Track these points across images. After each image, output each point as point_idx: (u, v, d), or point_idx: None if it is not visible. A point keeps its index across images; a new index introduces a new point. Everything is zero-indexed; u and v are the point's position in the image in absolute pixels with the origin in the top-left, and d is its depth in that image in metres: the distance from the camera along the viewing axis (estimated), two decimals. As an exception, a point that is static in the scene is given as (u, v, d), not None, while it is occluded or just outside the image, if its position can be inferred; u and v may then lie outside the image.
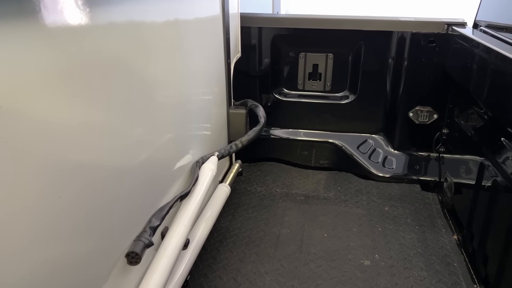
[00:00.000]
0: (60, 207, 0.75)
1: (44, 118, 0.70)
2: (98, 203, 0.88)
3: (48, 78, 0.70)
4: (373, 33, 1.95)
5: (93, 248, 0.89)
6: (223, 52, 1.65)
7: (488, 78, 1.43)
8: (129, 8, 0.95)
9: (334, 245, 1.64)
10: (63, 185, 0.75)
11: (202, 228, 1.37)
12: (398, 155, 2.11)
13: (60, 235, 0.77)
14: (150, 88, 1.09)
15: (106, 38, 0.87)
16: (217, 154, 1.45)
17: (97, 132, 0.86)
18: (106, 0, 0.85)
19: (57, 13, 0.71)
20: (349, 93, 2.13)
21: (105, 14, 0.85)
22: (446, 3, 3.51)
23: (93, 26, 0.81)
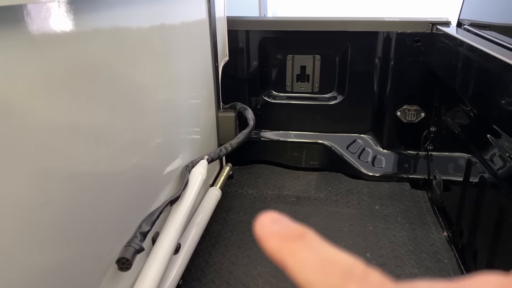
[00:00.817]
0: (48, 214, 0.75)
1: (30, 123, 0.69)
2: (87, 209, 0.88)
3: (34, 85, 0.70)
4: (359, 33, 1.97)
5: (83, 255, 0.89)
6: (210, 55, 1.66)
7: (472, 76, 1.45)
8: (114, 14, 0.95)
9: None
10: (51, 191, 0.75)
11: (193, 232, 1.37)
12: (387, 154, 2.13)
13: (48, 242, 0.76)
14: (137, 93, 1.09)
15: (91, 44, 0.87)
16: (207, 158, 1.46)
17: (84, 138, 0.86)
18: (91, 7, 0.85)
19: (41, 20, 0.71)
20: (337, 93, 2.14)
21: (90, 20, 0.85)
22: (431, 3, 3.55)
23: (78, 33, 0.81)
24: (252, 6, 2.83)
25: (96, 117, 0.89)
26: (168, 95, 1.29)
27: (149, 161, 1.18)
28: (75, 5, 0.80)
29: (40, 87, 0.72)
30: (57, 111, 0.77)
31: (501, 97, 1.22)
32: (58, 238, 0.79)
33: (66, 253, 0.82)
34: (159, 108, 1.22)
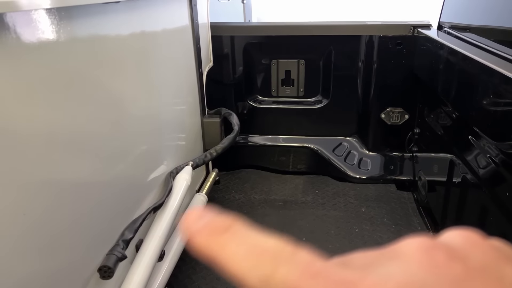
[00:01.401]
0: (26, 225, 0.74)
1: (6, 132, 0.69)
2: (68, 218, 0.87)
3: (10, 94, 0.69)
4: (342, 38, 1.99)
5: (64, 265, 0.88)
6: (194, 62, 1.66)
7: (453, 78, 1.47)
8: (92, 22, 0.95)
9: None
10: (28, 201, 0.74)
11: (179, 239, 1.37)
12: (373, 156, 2.15)
13: (27, 253, 0.75)
14: (118, 101, 1.09)
15: (69, 52, 0.86)
16: (192, 164, 1.45)
17: (63, 146, 0.85)
18: (68, 15, 0.85)
19: (17, 29, 0.71)
20: (322, 97, 2.16)
21: (68, 29, 0.85)
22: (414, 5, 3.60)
23: (55, 42, 0.81)
24: (236, 12, 2.84)
25: (75, 126, 0.89)
26: (151, 102, 1.29)
27: (132, 169, 1.17)
28: (52, 13, 0.80)
29: (17, 96, 0.71)
30: (34, 120, 0.76)
31: (480, 99, 1.24)
32: (37, 248, 0.78)
33: (45, 262, 0.81)
34: (142, 115, 1.22)
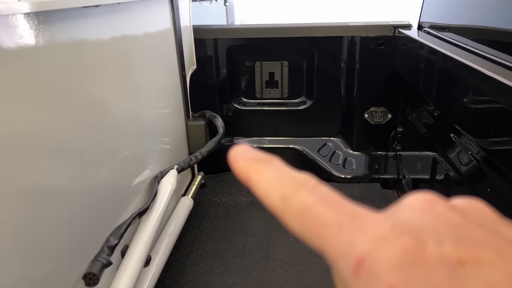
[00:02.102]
0: (6, 233, 0.73)
1: (-18, 142, 0.68)
2: (50, 225, 0.86)
3: (-16, 102, 0.68)
4: (324, 39, 2.01)
5: (48, 273, 0.86)
6: (177, 65, 1.66)
7: (433, 78, 1.50)
8: (72, 26, 0.94)
9: (300, 249, 1.65)
10: (7, 209, 0.73)
11: (165, 243, 1.36)
12: (358, 155, 2.17)
13: (8, 261, 0.74)
14: (101, 105, 1.08)
15: (49, 57, 0.85)
16: (177, 168, 1.45)
17: (45, 152, 0.84)
18: (47, 19, 0.84)
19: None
20: (306, 98, 2.17)
21: (47, 33, 0.84)
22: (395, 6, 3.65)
23: (34, 46, 0.80)
24: (219, 15, 2.84)
25: (56, 131, 0.88)
26: (134, 106, 1.28)
27: (116, 174, 1.16)
28: (31, 18, 0.79)
29: (-7, 102, 0.70)
30: (14, 126, 0.75)
31: (460, 97, 1.26)
32: (19, 256, 0.77)
33: (28, 271, 0.80)
34: (125, 119, 1.21)
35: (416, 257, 0.15)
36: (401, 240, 0.16)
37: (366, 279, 0.16)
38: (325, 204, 0.18)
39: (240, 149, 0.21)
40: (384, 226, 0.17)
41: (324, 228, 0.18)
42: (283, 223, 0.19)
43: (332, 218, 0.18)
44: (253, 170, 0.20)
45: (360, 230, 0.17)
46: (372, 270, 0.15)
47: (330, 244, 0.17)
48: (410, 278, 0.15)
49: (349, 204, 0.18)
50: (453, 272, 0.15)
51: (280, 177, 0.20)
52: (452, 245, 0.16)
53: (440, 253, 0.15)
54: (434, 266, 0.15)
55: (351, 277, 0.16)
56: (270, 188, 0.20)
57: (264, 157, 0.21)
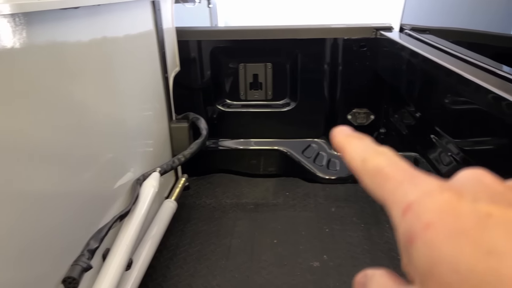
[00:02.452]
0: (-19, 239, 0.72)
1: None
2: (29, 229, 0.85)
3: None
4: (307, 41, 2.02)
5: (26, 277, 0.85)
6: (159, 67, 1.65)
7: (414, 80, 1.52)
8: (50, 29, 0.93)
9: (285, 250, 1.66)
10: (-17, 215, 0.72)
11: (148, 247, 1.35)
12: (341, 157, 2.18)
13: (-17, 268, 0.73)
14: (81, 108, 1.07)
15: (27, 59, 0.84)
16: (159, 170, 1.44)
17: (22, 156, 0.83)
18: (24, 21, 0.83)
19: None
20: (290, 100, 2.18)
21: (24, 36, 0.83)
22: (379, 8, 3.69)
23: (11, 49, 0.79)
24: (203, 16, 2.84)
25: (34, 135, 0.87)
26: (115, 108, 1.27)
27: (97, 177, 1.15)
28: (8, 19, 0.78)
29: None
30: (-12, 130, 0.74)
31: (440, 99, 1.28)
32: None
33: (5, 275, 0.79)
34: (106, 122, 1.20)
35: (452, 206, 0.19)
36: (443, 193, 0.20)
37: (410, 219, 0.20)
38: (393, 167, 0.23)
39: (340, 128, 0.28)
40: (433, 184, 0.21)
41: (388, 183, 0.22)
42: (360, 180, 0.24)
43: (396, 176, 0.22)
44: (346, 142, 0.26)
45: (414, 186, 0.21)
46: (415, 212, 0.19)
47: (390, 195, 0.22)
48: (444, 219, 0.18)
49: (412, 169, 0.22)
50: (480, 220, 0.18)
51: (365, 147, 0.25)
52: (486, 202, 0.19)
53: (473, 206, 0.19)
54: (466, 214, 0.18)
55: (400, 219, 0.20)
56: (355, 154, 0.25)
57: (357, 135, 0.27)
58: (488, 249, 0.17)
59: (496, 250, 0.17)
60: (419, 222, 0.19)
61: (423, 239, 0.19)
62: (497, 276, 0.17)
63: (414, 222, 0.19)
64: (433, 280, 0.18)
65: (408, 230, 0.20)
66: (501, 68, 1.14)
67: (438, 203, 0.19)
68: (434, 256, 0.18)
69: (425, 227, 0.19)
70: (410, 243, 0.19)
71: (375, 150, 0.25)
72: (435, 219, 0.19)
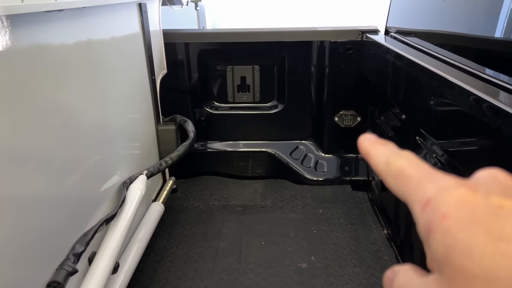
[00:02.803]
0: (-36, 243, 0.71)
1: None
2: (14, 233, 0.84)
3: None
4: (294, 43, 2.03)
5: (10, 281, 0.84)
6: (146, 69, 1.64)
7: (399, 82, 1.54)
8: (34, 31, 0.92)
9: (272, 252, 1.66)
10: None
11: (135, 250, 1.34)
12: (329, 158, 2.20)
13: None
14: (66, 111, 1.06)
15: (10, 62, 0.84)
16: (146, 173, 1.43)
17: (6, 160, 0.82)
18: (7, 24, 0.82)
19: None
20: (277, 102, 2.19)
21: (7, 38, 0.82)
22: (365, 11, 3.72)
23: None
24: (190, 19, 2.84)
25: (18, 138, 0.86)
26: (101, 111, 1.26)
27: (83, 180, 1.14)
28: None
29: None
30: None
31: (424, 101, 1.30)
32: (-23, 267, 0.75)
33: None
34: (92, 125, 1.19)
35: (466, 200, 0.21)
36: (459, 188, 0.21)
37: (429, 212, 0.21)
38: (414, 167, 0.25)
39: (366, 136, 0.30)
40: (450, 181, 0.22)
41: (409, 182, 0.24)
42: (384, 182, 0.26)
43: (416, 176, 0.24)
44: (371, 148, 0.28)
45: (432, 183, 0.23)
46: (434, 206, 0.21)
47: (411, 193, 0.24)
48: (459, 211, 0.20)
49: (431, 169, 0.24)
50: (493, 211, 0.20)
51: (388, 151, 0.27)
52: (498, 196, 0.21)
53: (486, 199, 0.21)
54: (479, 205, 0.20)
55: (420, 213, 0.22)
56: (380, 158, 0.27)
57: (381, 141, 0.29)
58: (499, 236, 0.19)
59: (507, 237, 0.19)
60: (437, 214, 0.21)
61: (440, 229, 0.21)
62: (507, 260, 0.18)
63: (432, 215, 0.21)
64: (448, 265, 0.20)
65: (427, 222, 0.21)
66: (483, 71, 1.16)
67: (454, 197, 0.21)
68: (450, 243, 0.20)
69: (442, 218, 0.21)
70: (429, 233, 0.21)
71: (397, 153, 0.26)
72: (451, 211, 0.21)
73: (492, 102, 0.92)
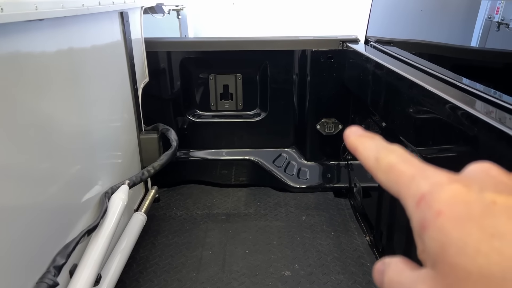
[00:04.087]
0: None
1: None
2: (-10, 248, 0.82)
3: None
4: (276, 52, 2.05)
5: (-13, 298, 0.82)
6: (128, 78, 1.63)
7: (379, 90, 1.57)
8: (14, 40, 0.91)
9: (256, 260, 1.66)
10: None
11: (117, 261, 1.33)
12: (311, 166, 2.22)
13: None
14: (45, 120, 1.05)
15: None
16: (128, 183, 1.42)
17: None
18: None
19: None
20: (260, 110, 2.20)
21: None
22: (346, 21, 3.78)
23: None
24: (172, 27, 2.84)
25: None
26: (82, 120, 1.25)
27: (63, 191, 1.13)
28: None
29: None
30: None
31: (402, 109, 1.33)
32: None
33: (-36, 298, 0.76)
34: (72, 134, 1.18)
35: (460, 196, 0.21)
36: (452, 184, 0.22)
37: (423, 208, 0.22)
38: (405, 163, 0.25)
39: (352, 129, 0.29)
40: (443, 177, 0.22)
41: (401, 177, 0.24)
42: (375, 177, 0.26)
43: (408, 171, 0.24)
44: (359, 142, 0.28)
45: (425, 179, 0.23)
46: (428, 203, 0.21)
47: (404, 189, 0.23)
48: (453, 207, 0.21)
49: (423, 164, 0.24)
50: (486, 207, 0.20)
51: (377, 146, 0.27)
52: (491, 192, 0.21)
53: (479, 195, 0.21)
54: (472, 202, 0.20)
55: (414, 209, 0.22)
56: (369, 154, 0.27)
57: (368, 134, 0.28)
58: (492, 232, 0.19)
59: (500, 233, 0.19)
60: (431, 210, 0.21)
61: (435, 226, 0.21)
62: (501, 256, 0.19)
63: (427, 211, 0.21)
64: (443, 261, 0.20)
65: (421, 219, 0.22)
66: (460, 80, 1.20)
67: (448, 194, 0.21)
68: (444, 240, 0.20)
69: (436, 215, 0.21)
70: (424, 230, 0.22)
71: (386, 148, 0.26)
72: (445, 208, 0.21)
73: (468, 110, 0.95)
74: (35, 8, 0.92)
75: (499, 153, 0.85)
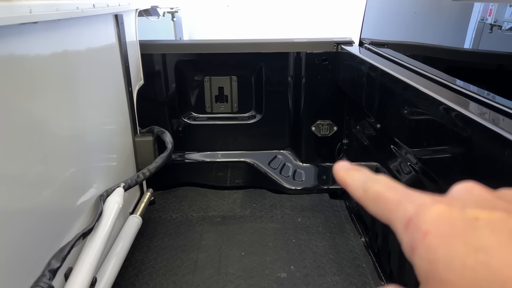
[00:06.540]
0: None
1: None
2: (-16, 252, 0.82)
3: None
4: (271, 54, 2.06)
5: (-19, 303, 0.82)
6: (123, 80, 1.63)
7: (373, 92, 1.58)
8: (7, 44, 0.91)
9: (252, 262, 1.66)
10: None
11: (112, 264, 1.32)
12: (306, 167, 2.22)
13: None
14: (40, 123, 1.04)
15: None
16: (123, 185, 1.42)
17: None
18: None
19: None
20: (255, 112, 2.20)
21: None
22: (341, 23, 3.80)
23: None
24: (167, 30, 2.84)
25: (-10, 152, 0.84)
26: (77, 123, 1.24)
27: (58, 194, 1.12)
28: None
29: None
30: None
31: (397, 111, 1.34)
32: None
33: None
34: (67, 137, 1.18)
35: (444, 215, 0.22)
36: (436, 205, 0.23)
37: (411, 230, 0.23)
38: (391, 190, 0.26)
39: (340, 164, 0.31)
40: (426, 199, 0.24)
41: (389, 204, 0.25)
42: (364, 207, 0.27)
43: (394, 197, 0.25)
44: (347, 175, 0.29)
45: (411, 202, 0.24)
46: (415, 224, 0.22)
47: (393, 214, 0.25)
48: (439, 227, 0.21)
49: (408, 189, 0.25)
50: (469, 223, 0.21)
51: (364, 177, 0.28)
52: (473, 208, 0.22)
53: (462, 212, 0.22)
54: (456, 219, 0.21)
55: (403, 232, 0.23)
56: (357, 185, 0.28)
57: (355, 167, 0.30)
58: (477, 247, 0.20)
59: (484, 246, 0.20)
60: (418, 232, 0.22)
61: (423, 245, 0.22)
62: (487, 268, 0.19)
63: (414, 233, 0.22)
64: (434, 279, 0.21)
65: (410, 240, 0.23)
66: (454, 82, 1.21)
67: (433, 213, 0.22)
68: (432, 257, 0.21)
69: (424, 235, 0.22)
70: (413, 250, 0.22)
71: (372, 178, 0.28)
72: (431, 227, 0.22)
73: (462, 112, 0.96)
74: (29, 11, 0.91)
75: (492, 154, 0.85)
